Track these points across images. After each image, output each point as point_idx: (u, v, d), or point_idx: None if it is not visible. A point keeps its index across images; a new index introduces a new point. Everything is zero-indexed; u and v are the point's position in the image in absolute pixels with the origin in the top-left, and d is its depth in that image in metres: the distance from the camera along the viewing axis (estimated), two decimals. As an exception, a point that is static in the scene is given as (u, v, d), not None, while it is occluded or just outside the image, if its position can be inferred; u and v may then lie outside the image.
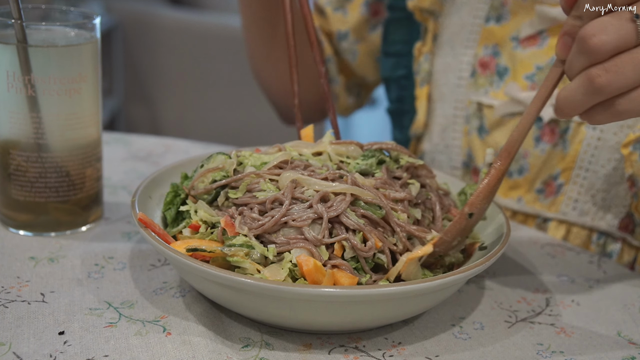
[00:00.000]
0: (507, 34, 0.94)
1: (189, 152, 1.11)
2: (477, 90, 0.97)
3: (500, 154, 0.65)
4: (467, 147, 0.99)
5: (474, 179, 0.99)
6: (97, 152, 0.81)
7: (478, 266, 0.63)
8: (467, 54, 0.98)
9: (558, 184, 0.92)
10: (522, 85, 0.93)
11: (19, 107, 0.74)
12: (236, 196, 0.70)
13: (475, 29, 0.97)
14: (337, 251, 0.64)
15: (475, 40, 0.97)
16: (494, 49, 0.96)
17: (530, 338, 0.67)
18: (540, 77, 0.91)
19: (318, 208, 0.65)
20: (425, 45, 1.02)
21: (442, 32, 1.01)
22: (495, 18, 0.95)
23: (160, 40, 2.87)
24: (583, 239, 0.91)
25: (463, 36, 0.98)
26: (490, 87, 0.96)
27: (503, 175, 0.66)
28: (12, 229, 0.80)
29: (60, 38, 0.77)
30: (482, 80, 0.97)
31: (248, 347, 0.62)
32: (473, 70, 0.97)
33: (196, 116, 2.93)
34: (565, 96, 0.59)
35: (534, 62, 0.92)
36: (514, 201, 0.95)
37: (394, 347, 0.64)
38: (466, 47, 0.98)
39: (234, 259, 0.63)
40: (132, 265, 0.75)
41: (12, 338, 0.61)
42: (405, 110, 1.09)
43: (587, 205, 0.90)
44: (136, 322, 0.65)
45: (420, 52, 1.02)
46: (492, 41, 0.96)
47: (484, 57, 0.96)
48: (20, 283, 0.70)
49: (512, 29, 0.94)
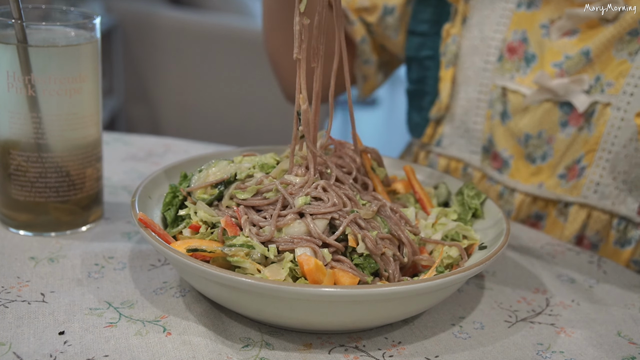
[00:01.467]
0: (537, 20, 0.95)
1: (189, 152, 1.11)
2: (503, 75, 0.97)
3: None
4: (489, 132, 0.99)
5: (493, 165, 0.99)
6: (97, 152, 0.81)
7: (478, 266, 0.63)
8: (496, 39, 0.98)
9: (581, 167, 0.92)
10: (550, 72, 0.93)
11: (19, 107, 0.74)
12: (243, 197, 0.70)
13: (507, 14, 0.97)
14: (351, 242, 0.66)
15: (506, 25, 0.97)
16: (523, 35, 0.96)
17: (530, 338, 0.67)
18: (569, 65, 0.91)
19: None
20: (454, 27, 1.02)
21: (473, 14, 1.01)
22: (527, 4, 0.95)
23: (160, 40, 2.87)
24: (604, 223, 0.91)
25: (493, 20, 0.98)
26: (517, 72, 0.96)
27: None
28: (12, 229, 0.80)
29: (60, 38, 0.77)
30: (508, 65, 0.97)
31: (248, 347, 0.62)
32: (500, 54, 0.97)
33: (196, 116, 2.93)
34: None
35: (564, 51, 0.92)
36: (535, 186, 0.95)
37: (394, 346, 0.64)
38: (495, 32, 0.98)
39: (235, 259, 0.63)
40: (132, 265, 0.75)
41: (12, 338, 0.61)
42: (425, 92, 1.08)
43: (608, 189, 0.90)
44: (136, 322, 0.65)
45: (449, 33, 1.02)
46: (522, 26, 0.96)
47: (512, 42, 0.96)
48: (21, 283, 0.70)
49: (543, 16, 0.94)
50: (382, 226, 0.69)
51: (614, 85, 0.88)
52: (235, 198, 0.70)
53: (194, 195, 0.73)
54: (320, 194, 0.69)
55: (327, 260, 0.64)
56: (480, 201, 0.78)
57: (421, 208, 0.79)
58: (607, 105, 0.88)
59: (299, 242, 0.65)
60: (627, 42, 0.87)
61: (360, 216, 0.68)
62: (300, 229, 0.66)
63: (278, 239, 0.65)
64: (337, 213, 0.67)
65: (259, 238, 0.65)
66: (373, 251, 0.66)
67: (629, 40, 0.87)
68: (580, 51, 0.90)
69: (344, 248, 0.66)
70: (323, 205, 0.68)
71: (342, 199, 0.69)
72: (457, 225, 0.75)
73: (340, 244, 0.66)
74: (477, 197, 0.79)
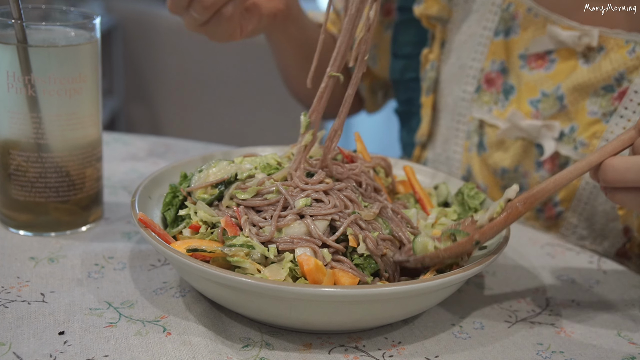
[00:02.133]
0: (515, 49, 0.93)
1: (189, 152, 1.11)
2: (481, 108, 0.96)
3: (527, 198, 0.64)
4: (467, 162, 0.99)
5: None
6: (97, 152, 0.81)
7: (478, 266, 0.63)
8: (474, 67, 0.96)
9: (558, 211, 0.92)
10: (525, 111, 0.91)
11: (19, 107, 0.74)
12: (244, 197, 0.70)
13: (484, 41, 0.95)
14: (352, 242, 0.66)
15: (483, 54, 0.95)
16: (501, 65, 0.94)
17: (530, 338, 0.67)
18: (544, 107, 0.90)
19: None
20: (432, 52, 1.01)
21: (451, 39, 0.99)
22: (505, 32, 0.93)
23: (160, 40, 2.87)
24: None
25: (471, 47, 0.97)
26: (495, 105, 0.95)
27: (520, 217, 0.65)
28: (12, 229, 0.80)
29: (60, 38, 0.77)
30: (486, 98, 0.95)
31: (248, 347, 0.62)
32: (479, 85, 0.96)
33: (196, 116, 2.93)
34: (615, 166, 0.59)
35: (540, 87, 0.90)
36: None
37: (394, 346, 0.64)
38: (473, 60, 0.96)
39: (235, 259, 0.63)
40: (132, 265, 0.75)
41: (12, 338, 0.61)
42: (413, 112, 1.08)
43: (585, 231, 0.91)
44: (136, 322, 0.65)
45: (427, 59, 1.01)
46: (500, 56, 0.94)
47: (490, 73, 0.95)
48: (20, 283, 0.70)
49: (521, 45, 0.92)
50: (383, 227, 0.69)
51: (588, 146, 0.87)
52: (236, 198, 0.70)
53: (194, 195, 0.73)
54: (321, 196, 0.69)
55: (327, 260, 0.64)
56: (480, 201, 0.78)
57: (421, 208, 0.79)
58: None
59: (298, 242, 0.65)
60: (601, 96, 0.86)
61: (362, 217, 0.68)
62: (300, 229, 0.66)
63: (278, 239, 0.65)
64: (337, 215, 0.67)
65: (259, 238, 0.65)
66: (374, 252, 0.66)
67: (603, 94, 0.86)
68: (555, 92, 0.89)
69: (344, 249, 0.66)
70: (324, 207, 0.68)
71: (344, 202, 0.69)
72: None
73: (340, 245, 0.66)
74: (477, 197, 0.79)
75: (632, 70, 0.83)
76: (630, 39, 0.83)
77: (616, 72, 0.84)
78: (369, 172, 0.77)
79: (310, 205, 0.68)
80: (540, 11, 0.89)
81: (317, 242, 0.65)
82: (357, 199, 0.70)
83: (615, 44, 0.84)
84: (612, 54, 0.84)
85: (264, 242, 0.65)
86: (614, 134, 0.84)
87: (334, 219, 0.67)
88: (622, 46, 0.84)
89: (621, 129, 0.84)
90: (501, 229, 0.65)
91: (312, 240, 0.65)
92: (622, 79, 0.84)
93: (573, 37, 0.86)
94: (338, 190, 0.70)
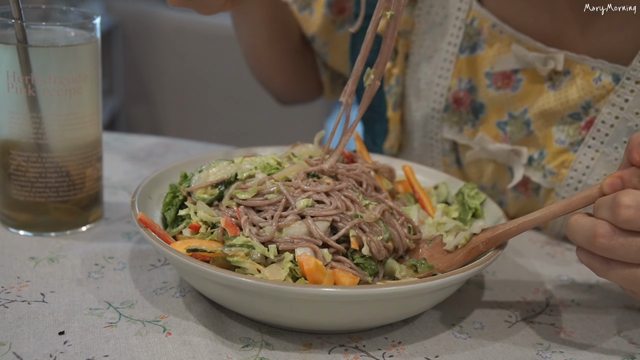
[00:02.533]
0: (481, 66, 0.90)
1: (189, 152, 1.11)
2: (451, 128, 0.94)
3: (489, 239, 0.67)
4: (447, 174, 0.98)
5: None
6: (97, 152, 0.81)
7: (478, 266, 0.63)
8: (441, 85, 0.94)
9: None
10: (493, 134, 0.90)
11: (19, 107, 0.74)
12: (244, 197, 0.70)
13: (450, 57, 0.93)
14: (353, 244, 0.66)
15: (450, 70, 0.93)
16: (468, 84, 0.92)
17: (530, 338, 0.67)
18: (512, 132, 0.89)
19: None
20: (396, 67, 0.98)
21: (414, 51, 0.96)
22: (470, 48, 0.91)
23: (160, 40, 2.87)
24: None
25: (437, 63, 0.94)
26: (465, 125, 0.93)
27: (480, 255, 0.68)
28: (12, 229, 0.80)
29: (60, 38, 0.77)
30: (456, 118, 0.94)
31: (248, 347, 0.62)
32: (447, 104, 0.94)
33: (196, 116, 2.93)
34: (572, 225, 0.61)
35: (507, 108, 0.89)
36: None
37: (394, 346, 0.64)
38: (440, 77, 0.94)
39: (234, 259, 0.63)
40: (132, 265, 0.75)
41: (12, 338, 0.61)
42: (376, 119, 1.05)
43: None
44: (136, 322, 0.65)
45: (391, 73, 0.99)
46: (467, 74, 0.92)
47: (458, 92, 0.93)
48: (20, 283, 0.70)
49: (487, 62, 0.90)
50: (383, 230, 0.69)
51: (557, 175, 0.86)
52: (236, 198, 0.70)
53: (194, 195, 0.73)
54: (322, 197, 0.69)
55: (327, 260, 0.64)
56: (480, 201, 0.78)
57: (421, 207, 0.79)
58: (551, 190, 0.88)
59: (299, 242, 0.65)
60: (568, 124, 0.85)
61: (364, 221, 0.68)
62: (300, 229, 0.66)
63: (278, 239, 0.65)
64: (338, 216, 0.67)
65: (259, 238, 0.65)
66: (376, 256, 0.66)
67: (570, 122, 0.84)
68: (522, 115, 0.88)
69: (344, 249, 0.66)
70: (325, 208, 0.68)
71: (345, 203, 0.69)
72: (456, 225, 0.75)
73: (340, 246, 0.66)
74: (477, 197, 0.79)
75: (598, 99, 0.82)
76: (596, 66, 0.81)
77: (582, 101, 0.83)
78: (370, 172, 0.77)
79: (311, 206, 0.68)
80: (505, 29, 0.87)
81: (317, 242, 0.65)
82: (358, 197, 0.70)
83: (581, 69, 0.83)
84: (579, 80, 0.83)
85: (264, 242, 0.65)
86: (582, 164, 0.84)
87: (335, 219, 0.67)
88: (589, 72, 0.82)
89: (589, 159, 0.83)
90: (460, 265, 0.68)
91: (312, 240, 0.65)
92: (589, 107, 0.83)
93: (538, 59, 0.84)
94: (338, 191, 0.70)
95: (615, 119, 0.80)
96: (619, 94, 0.80)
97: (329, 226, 0.67)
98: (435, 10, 0.94)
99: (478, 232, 0.68)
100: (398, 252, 0.70)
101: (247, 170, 0.73)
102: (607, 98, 0.81)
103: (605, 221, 0.58)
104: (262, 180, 0.71)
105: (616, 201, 0.57)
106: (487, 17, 0.89)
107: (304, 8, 1.09)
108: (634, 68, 0.78)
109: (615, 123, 0.81)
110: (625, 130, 0.80)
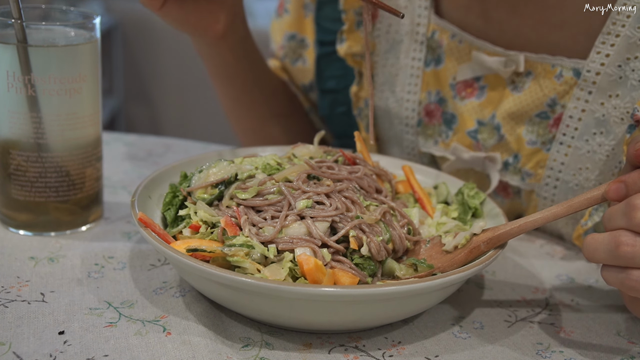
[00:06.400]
0: (445, 78, 0.90)
1: (189, 152, 1.11)
2: (427, 141, 0.94)
3: (490, 239, 0.67)
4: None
5: None
6: (97, 152, 0.81)
7: (478, 266, 0.63)
8: (411, 100, 0.94)
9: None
10: (466, 143, 0.90)
11: (19, 107, 0.74)
12: (244, 197, 0.70)
13: (416, 72, 0.93)
14: (352, 244, 0.66)
15: (418, 85, 0.93)
16: (437, 96, 0.92)
17: (530, 338, 0.67)
18: (484, 138, 0.89)
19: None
20: (362, 90, 0.98)
21: (379, 71, 0.96)
22: (435, 61, 0.91)
23: (160, 40, 2.87)
24: None
25: (404, 80, 0.94)
26: (440, 137, 0.93)
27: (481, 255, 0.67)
28: (12, 229, 0.80)
29: (60, 38, 0.77)
30: (430, 131, 0.94)
31: (248, 347, 0.62)
32: (419, 118, 0.94)
33: (196, 116, 2.93)
34: (590, 243, 0.60)
35: (475, 116, 0.89)
36: None
37: (394, 346, 0.64)
38: (408, 93, 0.94)
39: (234, 258, 0.63)
40: (132, 265, 0.75)
41: (12, 338, 0.61)
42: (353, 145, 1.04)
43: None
44: (136, 322, 0.65)
45: (358, 97, 0.99)
46: (435, 87, 0.92)
47: (429, 105, 0.93)
48: (20, 283, 0.70)
49: (449, 74, 0.90)
50: (384, 231, 0.69)
51: (534, 176, 0.86)
52: (236, 198, 0.70)
53: (194, 195, 0.73)
54: (322, 198, 0.69)
55: (326, 260, 0.64)
56: (480, 201, 0.78)
57: (421, 208, 0.79)
58: (532, 192, 0.88)
59: (298, 242, 0.65)
60: (537, 124, 0.85)
61: (365, 222, 0.68)
62: (300, 230, 0.66)
63: (278, 239, 0.65)
64: (338, 217, 0.67)
65: (259, 238, 0.65)
66: (375, 256, 0.66)
67: (538, 122, 0.84)
68: (491, 121, 0.88)
69: (344, 250, 0.66)
70: (325, 209, 0.68)
71: (346, 204, 0.69)
72: (456, 225, 0.75)
73: (340, 246, 0.66)
74: (478, 197, 0.79)
75: (563, 95, 0.82)
76: (556, 63, 0.82)
77: (547, 98, 0.83)
78: (372, 176, 0.77)
79: (311, 207, 0.68)
80: (465, 37, 0.87)
81: (316, 242, 0.65)
82: (359, 199, 0.70)
83: (542, 69, 0.83)
84: (541, 80, 0.83)
85: (263, 242, 0.65)
86: (557, 162, 0.83)
87: (335, 220, 0.67)
88: (549, 70, 0.82)
89: (563, 156, 0.83)
90: (461, 265, 0.68)
91: (311, 240, 0.65)
92: (555, 104, 0.83)
93: (499, 63, 0.84)
94: (339, 192, 0.70)
95: (582, 112, 0.81)
96: (582, 87, 0.80)
97: (329, 227, 0.67)
98: (395, 29, 0.94)
99: (479, 232, 0.68)
100: (397, 253, 0.70)
101: (247, 171, 0.73)
102: (571, 93, 0.81)
103: (624, 229, 0.57)
104: (263, 180, 0.71)
105: (631, 205, 0.57)
106: (447, 27, 0.89)
107: (296, 60, 1.09)
108: (593, 60, 0.78)
109: (582, 116, 0.81)
110: (594, 122, 0.80)
